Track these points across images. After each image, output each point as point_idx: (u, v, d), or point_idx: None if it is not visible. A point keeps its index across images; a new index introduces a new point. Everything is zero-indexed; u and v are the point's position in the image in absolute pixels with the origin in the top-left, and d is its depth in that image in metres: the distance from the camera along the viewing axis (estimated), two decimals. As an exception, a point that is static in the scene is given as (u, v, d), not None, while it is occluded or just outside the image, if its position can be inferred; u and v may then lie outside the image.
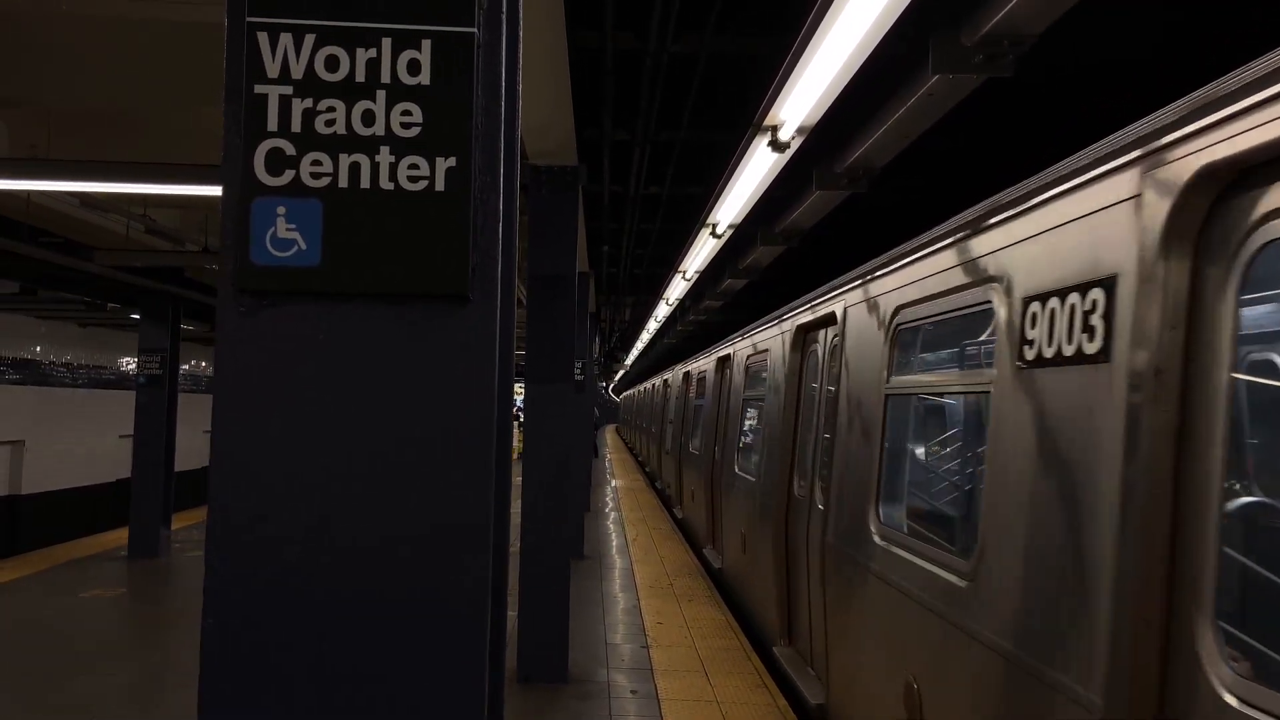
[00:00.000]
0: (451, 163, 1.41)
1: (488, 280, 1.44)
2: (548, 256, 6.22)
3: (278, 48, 1.39)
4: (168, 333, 10.59)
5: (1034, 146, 5.90)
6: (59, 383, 18.41)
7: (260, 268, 1.38)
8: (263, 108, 1.39)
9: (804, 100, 4.30)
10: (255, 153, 1.38)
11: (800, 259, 10.46)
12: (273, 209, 1.38)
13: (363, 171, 1.40)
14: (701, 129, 7.01)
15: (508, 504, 1.57)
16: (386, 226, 1.39)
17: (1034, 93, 5.59)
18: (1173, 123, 2.30)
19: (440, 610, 1.40)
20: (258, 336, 1.39)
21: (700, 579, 9.60)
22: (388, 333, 1.41)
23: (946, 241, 3.64)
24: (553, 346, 6.21)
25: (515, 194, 1.58)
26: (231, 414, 1.39)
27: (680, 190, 8.83)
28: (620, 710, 5.55)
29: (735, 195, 6.46)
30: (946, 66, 3.86)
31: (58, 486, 17.64)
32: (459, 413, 1.42)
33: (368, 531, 1.39)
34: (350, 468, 1.39)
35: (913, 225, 4.97)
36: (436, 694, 1.39)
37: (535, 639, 6.03)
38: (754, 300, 13.98)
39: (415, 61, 1.41)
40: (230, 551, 1.38)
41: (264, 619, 1.37)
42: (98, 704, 5.66)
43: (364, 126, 1.40)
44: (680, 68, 5.95)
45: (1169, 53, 4.92)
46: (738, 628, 7.59)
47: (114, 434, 18.56)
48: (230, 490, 1.38)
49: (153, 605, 8.54)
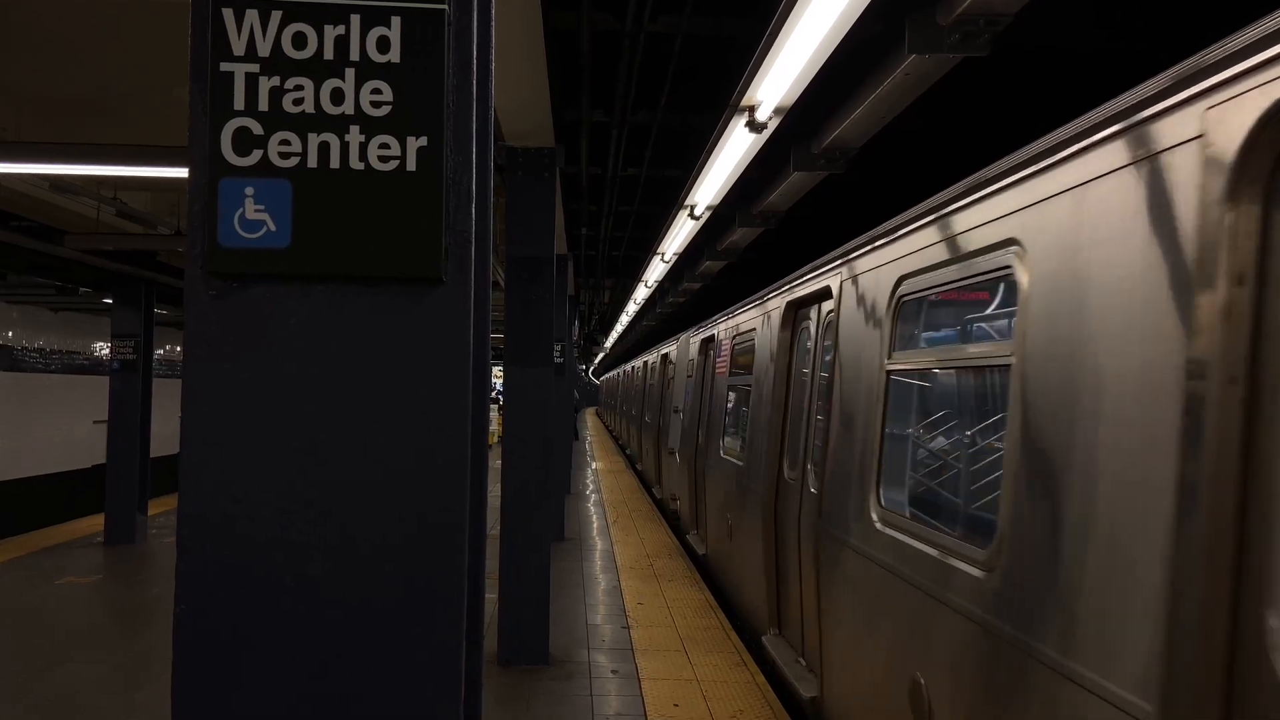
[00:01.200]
0: (423, 142, 1.39)
1: (461, 261, 1.42)
2: (526, 239, 6.18)
3: (243, 24, 1.37)
4: (141, 317, 10.46)
5: (1011, 127, 5.91)
6: (31, 368, 18.17)
7: (229, 250, 1.36)
8: (229, 86, 1.36)
9: (781, 80, 4.29)
10: (222, 132, 1.36)
11: (779, 241, 10.47)
12: (241, 190, 1.36)
13: (332, 151, 1.37)
14: (679, 111, 6.98)
15: (484, 487, 1.56)
16: (357, 207, 1.38)
17: (1010, 73, 5.59)
18: (1238, 51, 1.98)
19: (415, 595, 1.39)
20: (227, 319, 1.37)
21: (680, 559, 9.64)
22: (360, 315, 1.39)
23: (956, 206, 3.34)
24: (531, 329, 6.18)
25: (489, 174, 1.56)
26: (201, 399, 1.37)
27: (658, 172, 8.79)
28: (601, 690, 5.58)
29: (713, 177, 6.45)
30: (922, 46, 3.85)
31: (32, 473, 17.46)
32: (433, 395, 1.41)
33: (340, 516, 1.38)
34: (322, 452, 1.38)
35: (890, 206, 4.98)
36: (412, 679, 1.39)
37: (516, 621, 6.04)
38: (733, 282, 13.98)
39: (385, 38, 1.39)
40: (202, 539, 1.36)
41: (237, 606, 1.36)
42: (77, 691, 5.62)
43: (333, 105, 1.38)
44: (657, 49, 5.91)
45: (1144, 35, 4.93)
46: (717, 607, 7.64)
47: (88, 419, 18.37)
48: (201, 477, 1.37)
49: (130, 591, 8.47)
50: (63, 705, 5.40)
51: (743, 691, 5.56)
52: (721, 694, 5.51)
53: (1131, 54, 5.05)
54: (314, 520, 1.37)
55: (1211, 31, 2.69)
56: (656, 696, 5.45)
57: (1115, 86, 2.77)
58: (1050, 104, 5.49)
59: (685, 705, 5.32)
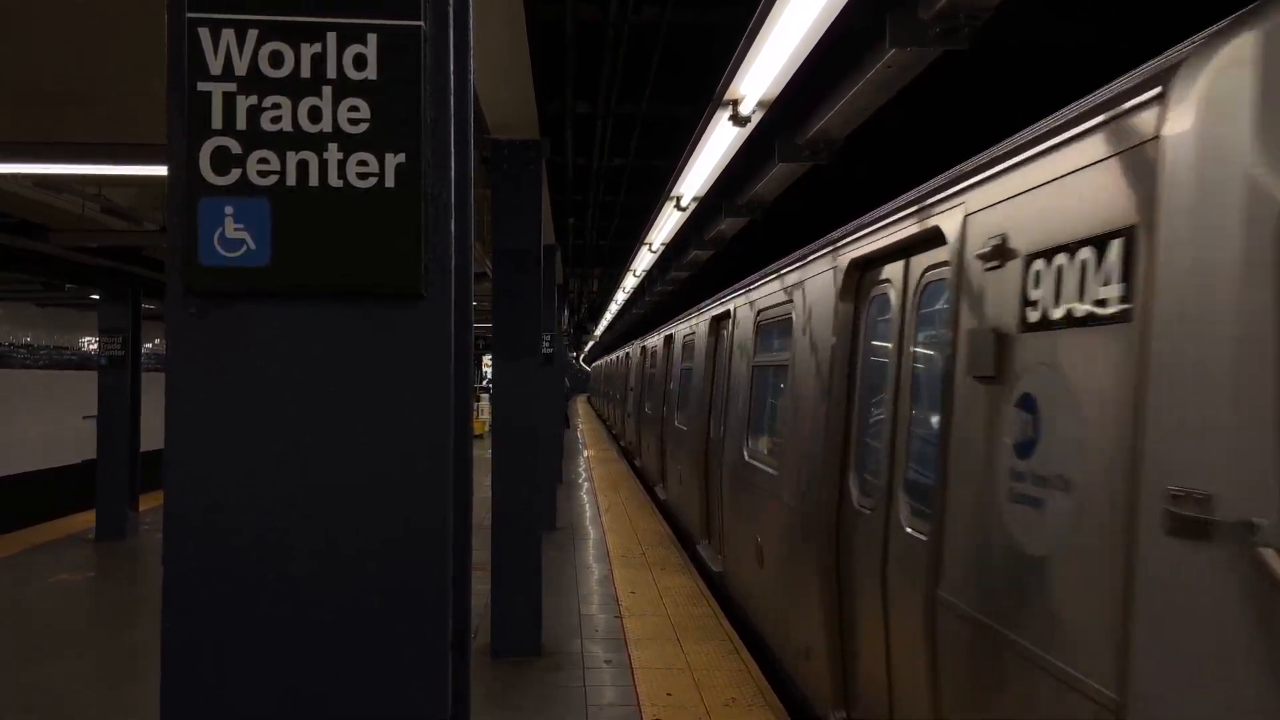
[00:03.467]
0: (401, 159, 1.40)
1: (442, 275, 1.44)
2: (512, 231, 6.18)
3: (220, 44, 1.37)
4: (128, 313, 10.41)
5: (992, 119, 5.93)
6: (19, 364, 18.08)
7: (209, 268, 1.37)
8: (206, 106, 1.37)
9: (764, 74, 4.29)
10: (200, 152, 1.37)
11: (765, 231, 10.47)
12: (220, 209, 1.37)
13: (311, 169, 1.38)
14: (664, 102, 6.98)
15: (469, 491, 1.58)
16: (337, 225, 1.39)
17: (991, 66, 5.61)
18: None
19: (400, 597, 1.42)
20: (209, 337, 1.39)
21: (672, 547, 9.69)
22: (341, 331, 1.41)
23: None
24: (520, 321, 6.19)
25: (469, 187, 1.57)
26: (185, 415, 1.39)
27: (645, 163, 8.80)
28: (594, 680, 5.62)
29: (698, 168, 6.45)
30: (904, 40, 3.87)
31: (21, 470, 17.40)
32: (415, 408, 1.43)
33: (325, 528, 1.40)
34: (306, 465, 1.40)
35: (877, 198, 5.00)
36: (398, 679, 1.41)
37: (508, 613, 6.07)
38: (719, 271, 13.99)
39: (361, 56, 1.40)
40: (188, 551, 1.39)
41: (222, 607, 1.38)
42: (69, 689, 5.64)
43: (311, 123, 1.39)
44: (642, 40, 5.91)
45: (1123, 29, 4.95)
46: (709, 595, 7.68)
47: (77, 415, 18.29)
48: (186, 491, 1.39)
49: (121, 588, 8.48)
50: (52, 702, 5.41)
51: (735, 679, 5.61)
52: (714, 682, 5.56)
53: (1110, 49, 5.07)
54: (298, 533, 1.39)
55: (1189, 23, 2.70)
56: (649, 686, 5.50)
57: (1094, 80, 2.79)
58: (1031, 97, 5.51)
59: (678, 694, 5.36)
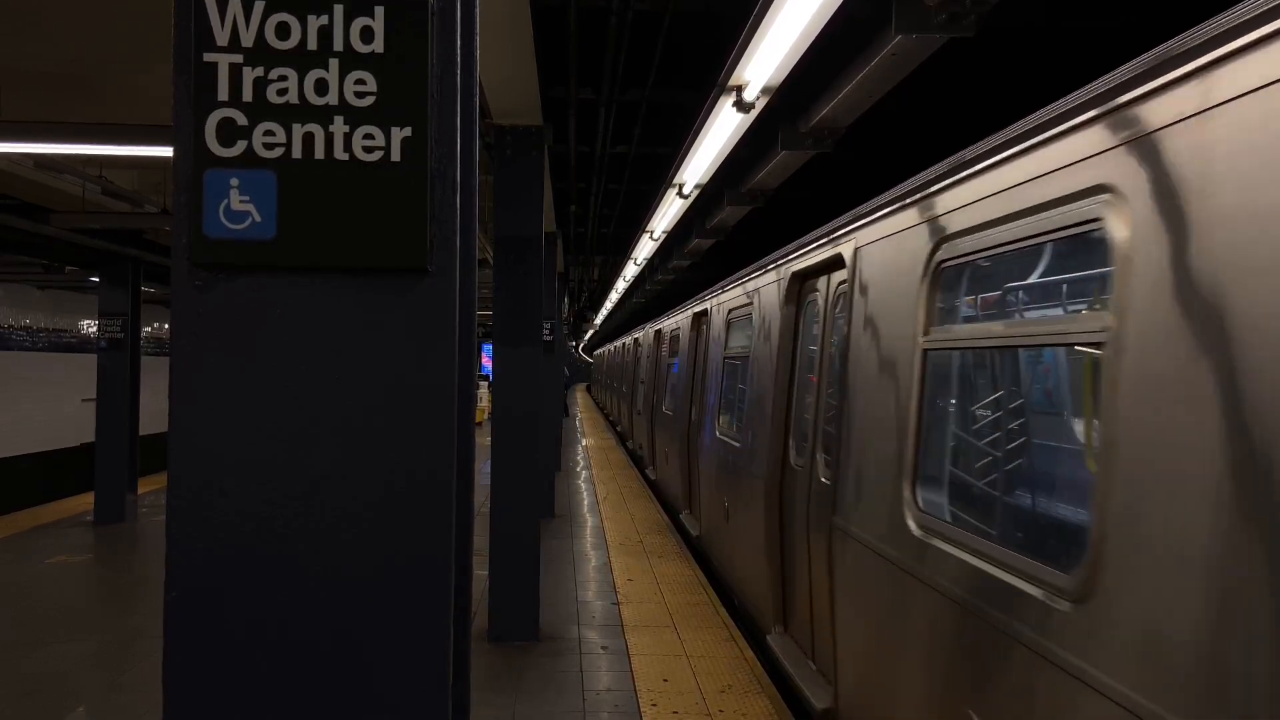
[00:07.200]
0: (407, 133, 1.39)
1: (447, 252, 1.43)
2: (514, 218, 6.17)
3: (226, 14, 1.36)
4: (128, 296, 10.41)
5: (998, 106, 5.91)
6: (18, 346, 18.07)
7: (214, 241, 1.36)
8: (212, 77, 1.36)
9: (768, 60, 4.27)
10: (206, 123, 1.36)
11: (768, 220, 10.46)
12: (226, 181, 1.36)
13: (317, 142, 1.37)
14: (667, 88, 6.95)
15: (471, 476, 1.58)
16: (342, 198, 1.38)
17: (998, 53, 5.59)
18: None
19: (401, 577, 1.41)
20: (214, 310, 1.38)
21: (670, 535, 9.71)
22: (346, 306, 1.40)
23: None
24: (520, 308, 6.18)
25: (474, 164, 1.57)
26: (189, 389, 1.38)
27: (647, 150, 8.76)
28: (591, 666, 5.64)
29: (701, 156, 6.43)
30: (909, 27, 3.85)
31: (18, 451, 17.40)
32: (419, 385, 1.42)
33: (328, 505, 1.40)
34: (310, 441, 1.39)
35: (879, 185, 4.99)
36: (399, 658, 1.41)
37: (506, 598, 6.09)
38: (721, 260, 13.97)
39: (369, 29, 1.39)
40: (192, 529, 1.38)
41: (224, 587, 1.38)
42: (68, 671, 5.65)
43: (317, 96, 1.38)
44: (645, 26, 5.88)
45: (1129, 14, 4.93)
46: (706, 583, 7.70)
47: (76, 398, 18.30)
48: (190, 467, 1.38)
49: (120, 571, 8.49)
50: (53, 684, 5.43)
51: (731, 666, 5.63)
52: (710, 669, 5.58)
53: (1117, 34, 5.05)
54: (302, 509, 1.39)
55: (1196, 10, 2.69)
56: (646, 672, 5.52)
57: (1101, 66, 2.78)
58: (1038, 83, 5.49)
59: (674, 680, 5.38)
